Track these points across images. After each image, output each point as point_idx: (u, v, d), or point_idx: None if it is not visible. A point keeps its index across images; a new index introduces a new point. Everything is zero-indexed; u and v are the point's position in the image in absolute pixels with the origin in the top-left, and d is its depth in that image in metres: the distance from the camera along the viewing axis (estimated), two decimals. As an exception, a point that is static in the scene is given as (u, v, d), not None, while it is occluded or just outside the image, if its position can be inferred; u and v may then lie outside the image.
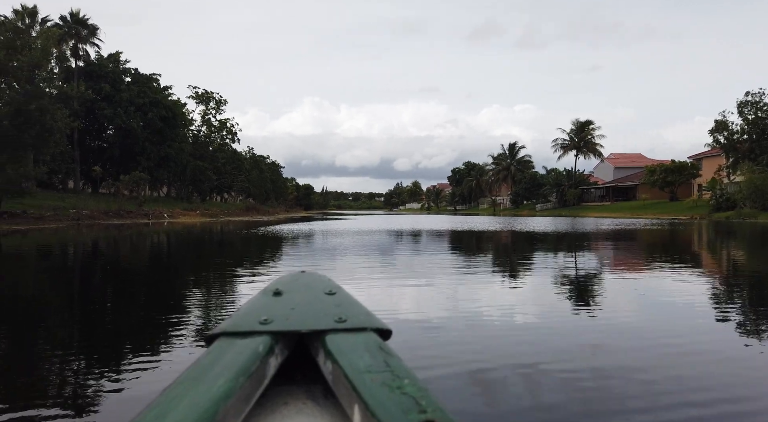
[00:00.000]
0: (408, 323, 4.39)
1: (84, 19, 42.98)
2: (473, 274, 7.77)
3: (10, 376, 3.19)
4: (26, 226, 22.64)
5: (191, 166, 51.74)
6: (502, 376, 3.01)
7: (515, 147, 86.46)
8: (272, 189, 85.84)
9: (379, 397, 0.54)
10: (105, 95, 42.90)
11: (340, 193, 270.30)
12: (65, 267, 9.86)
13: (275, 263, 9.24)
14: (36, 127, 22.88)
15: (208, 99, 58.39)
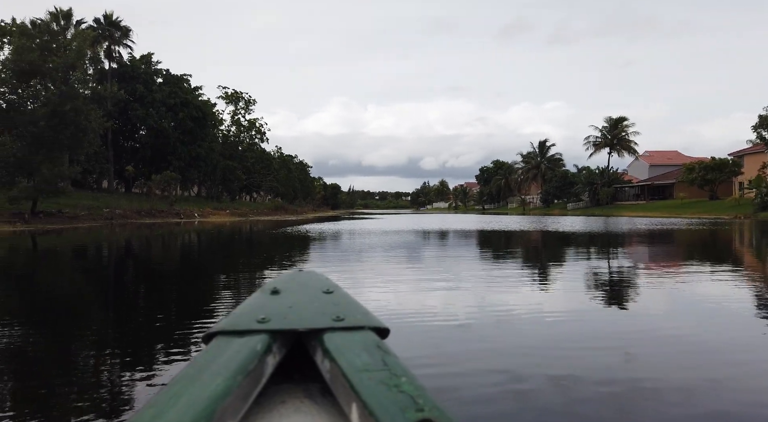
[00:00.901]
0: (435, 323, 4.31)
1: (117, 21, 43.81)
2: (502, 275, 7.58)
3: (47, 370, 3.28)
4: (61, 226, 23.03)
5: (221, 166, 52.28)
6: (531, 381, 2.92)
7: (545, 145, 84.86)
8: (300, 188, 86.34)
9: (376, 395, 0.54)
10: (138, 96, 43.65)
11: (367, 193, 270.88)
12: (100, 266, 9.94)
13: (306, 263, 8.98)
14: (71, 127, 23.24)
15: (237, 99, 58.95)
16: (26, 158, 22.66)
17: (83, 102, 24.32)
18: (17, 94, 23.80)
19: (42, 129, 22.75)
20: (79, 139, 24.03)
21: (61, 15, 36.56)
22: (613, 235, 18.19)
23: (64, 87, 22.79)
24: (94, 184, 44.60)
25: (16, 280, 7.98)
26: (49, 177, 23.21)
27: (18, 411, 2.56)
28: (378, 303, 5.15)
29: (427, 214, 71.21)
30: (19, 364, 3.42)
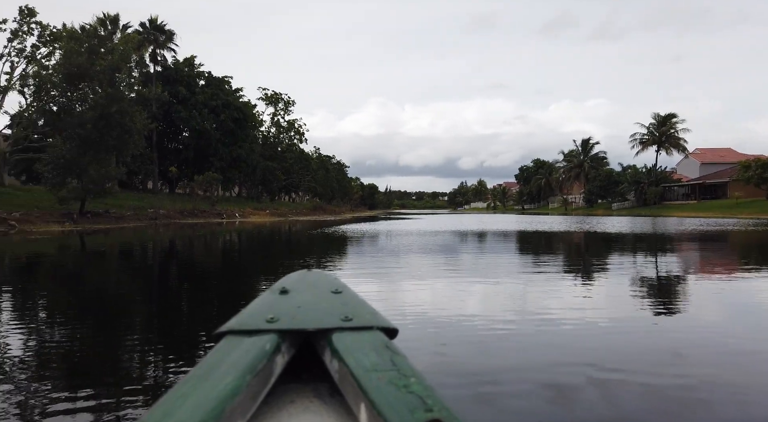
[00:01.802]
0: (475, 324, 4.27)
1: (162, 25, 44.92)
2: (543, 277, 7.37)
3: (95, 365, 3.38)
4: (108, 226, 23.60)
5: (261, 166, 52.93)
6: (575, 384, 2.83)
7: (589, 143, 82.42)
8: (338, 188, 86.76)
9: (385, 396, 0.54)
10: (181, 98, 44.63)
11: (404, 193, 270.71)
12: (145, 265, 10.05)
13: (345, 264, 8.70)
14: (117, 129, 23.80)
15: (277, 100, 59.60)
16: (75, 159, 23.33)
17: (128, 104, 24.88)
18: (66, 96, 24.55)
19: (89, 131, 23.37)
20: (125, 141, 24.59)
21: (109, 20, 37.73)
22: (664, 237, 17.22)
23: (111, 89, 23.35)
24: (139, 184, 45.87)
25: (66, 279, 8.08)
26: (97, 177, 23.81)
27: (65, 408, 2.57)
28: (414, 307, 5.02)
29: (465, 214, 70.29)
30: (67, 361, 3.48)
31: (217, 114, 46.30)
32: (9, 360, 3.41)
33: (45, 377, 3.10)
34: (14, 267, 9.57)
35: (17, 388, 2.85)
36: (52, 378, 3.09)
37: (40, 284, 7.37)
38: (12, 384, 2.93)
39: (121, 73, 24.78)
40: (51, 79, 24.31)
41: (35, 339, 3.98)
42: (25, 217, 21.49)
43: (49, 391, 2.83)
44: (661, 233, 19.31)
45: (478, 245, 14.28)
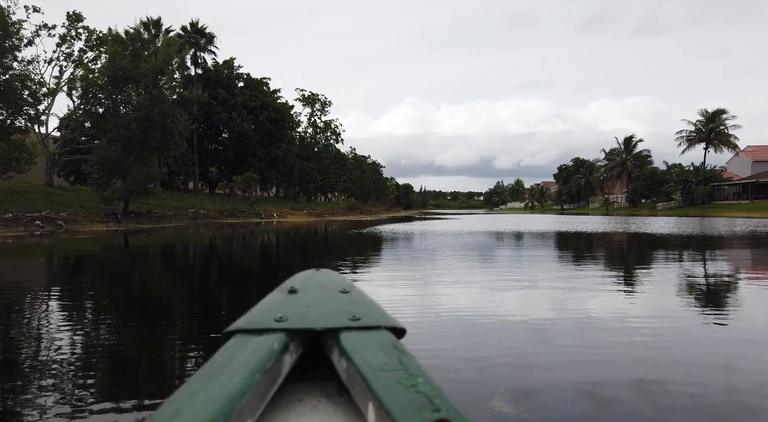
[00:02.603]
0: (511, 325, 4.24)
1: (202, 28, 45.74)
2: (583, 278, 7.21)
3: (138, 361, 3.44)
4: (150, 225, 24.03)
5: (298, 167, 53.30)
6: (618, 392, 2.74)
7: (631, 141, 79.78)
8: (373, 188, 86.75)
9: (393, 395, 0.54)
10: (220, 100, 45.34)
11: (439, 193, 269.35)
12: (188, 264, 10.11)
13: (383, 266, 8.38)
14: (159, 130, 24.22)
15: (313, 101, 60.00)
16: (119, 160, 23.85)
17: (170, 106, 25.30)
18: (111, 99, 25.15)
19: (133, 132, 23.84)
20: (167, 142, 25.01)
21: (151, 24, 38.64)
22: (715, 239, 16.22)
23: (154, 90, 23.77)
24: (181, 185, 46.85)
25: (112, 277, 8.23)
26: (140, 178, 24.29)
27: (105, 405, 2.59)
28: (450, 310, 4.98)
29: (501, 214, 69.08)
30: (111, 356, 3.52)
31: (255, 115, 46.84)
32: (56, 355, 3.45)
33: (89, 373, 3.13)
34: (63, 266, 9.74)
35: (62, 384, 2.88)
36: (97, 374, 3.13)
37: (87, 282, 7.53)
38: (57, 379, 2.96)
39: (163, 75, 25.22)
40: (97, 82, 24.96)
41: (82, 335, 4.07)
42: (72, 217, 22.07)
43: (93, 387, 2.87)
44: (712, 235, 18.25)
45: (517, 246, 13.75)
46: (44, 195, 25.79)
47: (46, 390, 2.77)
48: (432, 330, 4.14)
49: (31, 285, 7.18)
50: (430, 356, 3.32)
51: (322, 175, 60.71)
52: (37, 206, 22.47)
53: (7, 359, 3.43)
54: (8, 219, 19.03)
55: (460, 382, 2.86)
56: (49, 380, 2.93)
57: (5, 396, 2.72)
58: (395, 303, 5.23)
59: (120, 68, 23.65)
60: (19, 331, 4.24)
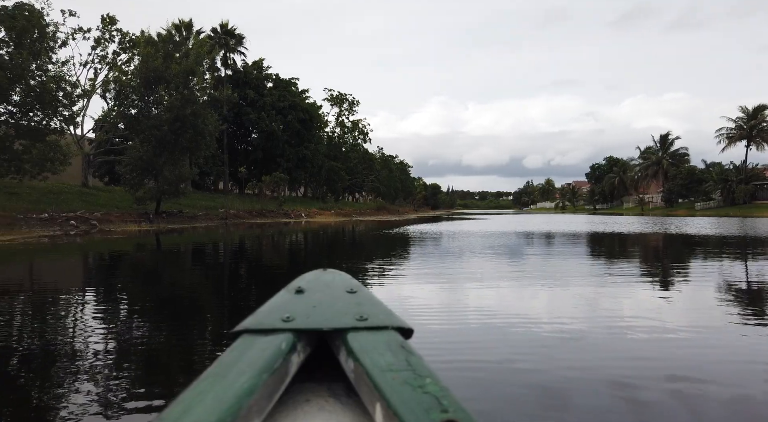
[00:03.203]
0: (541, 327, 4.16)
1: (232, 29, 46.21)
2: (616, 280, 7.06)
3: (170, 358, 3.47)
4: (181, 225, 24.24)
5: (326, 167, 53.36)
6: (653, 397, 2.65)
7: (668, 138, 77.41)
8: (401, 188, 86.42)
9: (400, 396, 0.54)
10: (249, 101, 45.71)
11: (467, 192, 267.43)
12: (219, 263, 10.15)
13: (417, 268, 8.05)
14: (190, 131, 24.43)
15: (341, 100, 60.01)
16: (151, 160, 24.13)
17: (201, 106, 25.50)
18: (144, 100, 25.50)
19: (164, 132, 24.09)
20: (198, 142, 25.21)
21: (183, 26, 39.19)
22: (758, 240, 15.33)
23: (185, 91, 23.97)
24: (211, 185, 47.43)
25: (145, 276, 8.34)
26: (171, 178, 24.54)
27: (142, 403, 2.61)
28: (480, 311, 4.92)
29: (532, 215, 67.88)
30: (144, 354, 3.56)
31: (284, 115, 47.07)
32: (91, 353, 3.50)
33: (123, 370, 3.18)
34: (98, 265, 9.88)
35: (96, 382, 2.92)
36: (130, 372, 3.17)
37: (121, 281, 7.65)
38: (91, 377, 3.00)
39: (194, 76, 25.44)
40: (130, 84, 25.35)
41: (115, 333, 4.14)
42: (105, 217, 22.41)
43: (127, 384, 2.91)
44: (756, 236, 17.30)
45: (550, 248, 13.22)
46: (79, 195, 26.31)
47: (80, 385, 2.84)
48: (459, 330, 4.13)
49: (67, 284, 7.29)
50: (455, 357, 3.30)
51: (349, 175, 60.69)
52: (72, 206, 22.90)
53: (43, 354, 3.50)
54: (44, 219, 19.40)
55: (487, 381, 2.83)
56: (82, 376, 3.01)
57: (40, 391, 2.79)
58: (425, 305, 5.20)
59: (152, 70, 23.93)
60: (56, 329, 4.29)
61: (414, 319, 4.41)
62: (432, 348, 3.52)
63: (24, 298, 5.85)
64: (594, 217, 47.66)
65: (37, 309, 5.19)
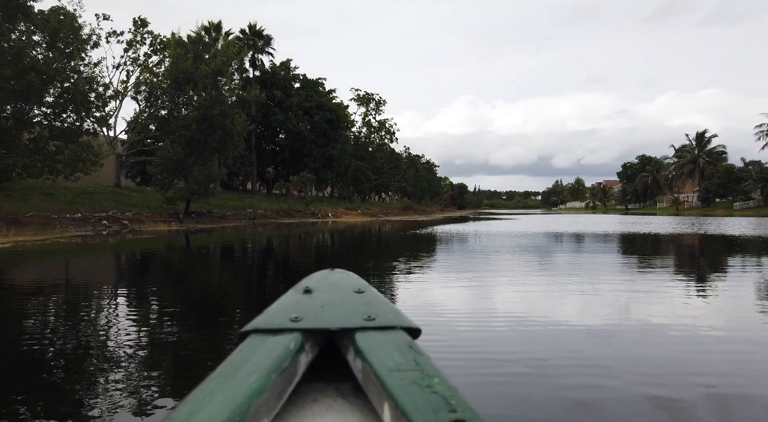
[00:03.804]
0: (571, 329, 4.10)
1: (260, 30, 46.58)
2: (648, 281, 6.90)
3: (198, 357, 3.48)
4: (210, 225, 24.42)
5: (353, 167, 53.34)
6: (689, 404, 2.52)
7: (704, 136, 74.99)
8: (427, 188, 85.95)
9: (409, 395, 0.54)
10: (277, 101, 45.97)
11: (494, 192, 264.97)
12: (247, 263, 10.19)
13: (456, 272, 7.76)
14: (218, 131, 24.59)
15: (368, 100, 59.91)
16: (181, 160, 24.38)
17: (229, 106, 25.65)
18: (173, 101, 25.79)
19: (193, 132, 24.31)
20: (226, 142, 25.38)
21: (212, 27, 39.65)
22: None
23: (213, 91, 24.14)
24: (239, 185, 47.89)
25: (176, 275, 8.47)
26: (200, 178, 24.75)
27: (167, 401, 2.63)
28: (509, 313, 4.87)
29: (561, 215, 66.55)
30: (173, 352, 3.60)
31: (311, 115, 47.20)
32: (122, 351, 3.54)
33: (153, 368, 3.23)
34: (131, 265, 10.00)
35: (127, 379, 2.97)
36: (160, 369, 3.24)
37: (153, 279, 7.81)
38: (122, 374, 3.04)
39: (222, 76, 25.61)
40: (161, 85, 25.68)
41: (146, 331, 4.19)
42: (136, 217, 22.73)
43: (156, 381, 2.97)
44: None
45: (586, 250, 12.73)
46: (112, 195, 26.78)
47: (113, 380, 2.93)
48: (489, 331, 4.09)
49: (101, 283, 7.43)
50: (484, 357, 3.28)
51: (376, 175, 60.55)
52: (104, 206, 23.30)
53: (76, 350, 3.60)
54: (77, 219, 19.75)
55: (517, 385, 2.78)
56: (115, 372, 3.08)
57: (73, 386, 2.89)
58: (453, 307, 5.13)
59: (182, 71, 24.18)
60: (89, 326, 4.40)
61: (441, 321, 4.37)
62: (459, 351, 3.46)
63: (57, 298, 5.86)
64: (627, 217, 46.46)
65: (69, 307, 5.24)
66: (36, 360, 3.34)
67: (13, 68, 14.29)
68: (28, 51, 15.68)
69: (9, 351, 3.64)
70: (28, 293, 6.34)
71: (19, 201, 19.57)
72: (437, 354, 3.34)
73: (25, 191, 21.54)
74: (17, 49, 14.68)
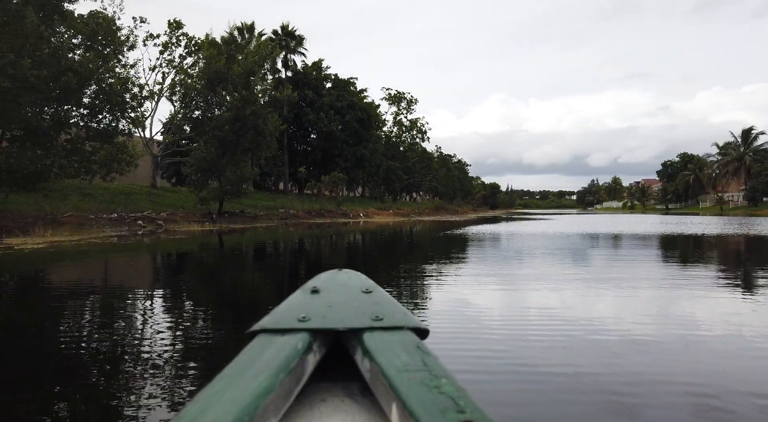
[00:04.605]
0: (608, 333, 4.00)
1: (293, 30, 46.73)
2: (691, 284, 6.66)
3: (231, 357, 2.76)
4: (243, 225, 24.44)
5: (384, 166, 53.02)
6: (732, 409, 2.44)
7: (750, 133, 71.78)
8: (459, 188, 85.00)
9: (417, 396, 0.55)
10: (309, 101, 46.03)
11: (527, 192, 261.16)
12: (279, 262, 10.16)
13: (505, 276, 7.28)
14: (251, 131, 24.59)
15: (399, 99, 59.50)
16: (214, 161, 24.47)
17: (261, 106, 25.63)
18: (207, 101, 25.94)
19: (226, 133, 24.38)
20: (258, 142, 25.37)
21: (245, 28, 39.94)
22: None
23: (245, 91, 24.15)
24: (272, 185, 48.16)
25: (210, 274, 8.49)
26: (233, 178, 24.79)
27: None
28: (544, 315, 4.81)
29: (598, 215, 64.74)
30: (208, 350, 3.60)
31: (342, 115, 47.09)
32: (157, 350, 3.57)
33: (187, 367, 3.25)
34: (167, 264, 10.06)
35: (161, 377, 2.99)
36: (194, 368, 3.24)
37: (189, 278, 7.90)
38: (156, 373, 3.06)
39: (254, 76, 25.62)
40: (195, 87, 25.87)
41: (182, 329, 4.24)
42: (171, 217, 22.89)
43: (191, 379, 2.97)
44: None
45: (630, 252, 11.99)
46: (148, 196, 27.15)
47: (147, 377, 2.97)
48: (521, 335, 4.01)
49: (137, 282, 7.52)
50: (519, 362, 3.23)
51: (407, 175, 60.10)
52: (140, 206, 23.57)
53: (111, 347, 3.66)
54: (113, 219, 19.97)
55: (553, 392, 2.71)
56: (149, 370, 3.11)
57: (107, 382, 2.93)
58: (493, 310, 5.04)
59: (215, 71, 24.27)
60: (124, 324, 4.44)
61: (475, 327, 4.28)
62: (492, 356, 3.40)
63: (89, 299, 5.83)
64: (668, 217, 44.75)
65: (107, 307, 5.29)
66: (72, 358, 3.43)
67: (51, 69, 14.44)
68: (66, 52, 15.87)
69: (45, 346, 3.74)
70: (63, 293, 6.28)
71: (58, 201, 19.92)
72: (472, 358, 3.35)
73: (64, 192, 21.96)
74: (54, 50, 14.86)
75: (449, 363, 3.61)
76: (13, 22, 13.59)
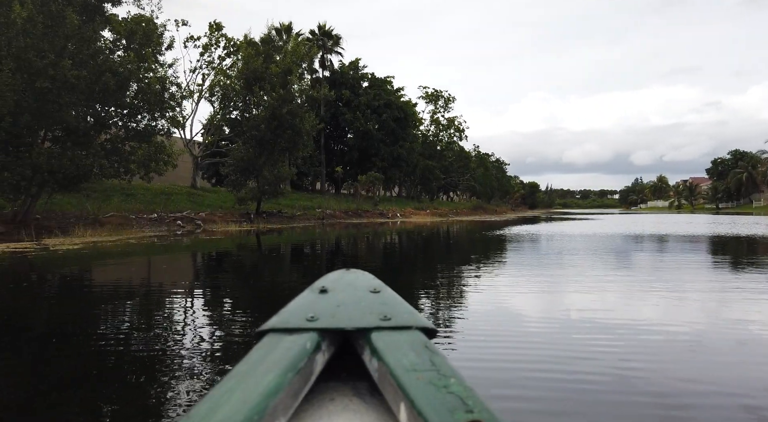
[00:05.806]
0: (653, 336, 3.82)
1: (329, 30, 46.71)
2: (742, 288, 6.25)
3: None
4: (280, 225, 24.33)
5: (421, 166, 52.41)
6: None
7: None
8: (497, 187, 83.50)
9: (425, 396, 0.55)
10: (345, 101, 45.89)
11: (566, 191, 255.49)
12: (316, 262, 10.04)
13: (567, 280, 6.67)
14: (288, 131, 24.47)
15: (436, 98, 58.76)
16: (252, 161, 24.46)
17: (298, 106, 25.49)
18: (245, 101, 25.99)
19: (263, 132, 24.33)
20: (296, 142, 25.24)
21: (283, 29, 40.10)
22: None
23: (282, 90, 24.05)
24: (309, 185, 48.28)
25: (249, 273, 8.55)
26: (271, 178, 24.73)
27: None
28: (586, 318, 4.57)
29: (643, 214, 62.28)
30: (244, 354, 2.80)
31: (379, 114, 46.75)
32: (197, 349, 3.57)
33: (227, 369, 3.13)
34: (207, 264, 10.10)
35: (201, 378, 2.98)
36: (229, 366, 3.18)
37: (230, 277, 7.99)
38: (195, 373, 3.07)
39: (292, 76, 25.50)
40: (234, 87, 25.95)
41: (222, 329, 4.25)
42: (209, 217, 22.98)
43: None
44: None
45: (692, 258, 11.04)
46: (187, 196, 27.44)
47: (187, 377, 2.98)
48: (564, 337, 3.88)
49: (178, 281, 7.61)
50: (562, 360, 3.18)
51: (444, 174, 59.30)
52: (179, 206, 23.77)
53: (151, 347, 3.64)
54: (153, 220, 20.14)
55: (597, 392, 2.68)
56: (188, 369, 3.12)
57: (147, 382, 2.93)
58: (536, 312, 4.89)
59: (252, 70, 24.27)
60: (165, 323, 4.46)
61: (515, 330, 4.16)
62: (533, 355, 3.33)
63: (133, 300, 5.66)
64: (720, 217, 42.47)
65: (145, 306, 5.31)
66: (113, 357, 3.47)
67: (90, 70, 14.53)
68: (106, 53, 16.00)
69: (83, 345, 3.80)
70: (103, 293, 6.11)
71: (101, 201, 20.23)
72: (512, 357, 3.27)
73: (107, 192, 22.35)
74: (94, 50, 14.96)
75: (486, 366, 3.10)
76: (54, 23, 13.71)
